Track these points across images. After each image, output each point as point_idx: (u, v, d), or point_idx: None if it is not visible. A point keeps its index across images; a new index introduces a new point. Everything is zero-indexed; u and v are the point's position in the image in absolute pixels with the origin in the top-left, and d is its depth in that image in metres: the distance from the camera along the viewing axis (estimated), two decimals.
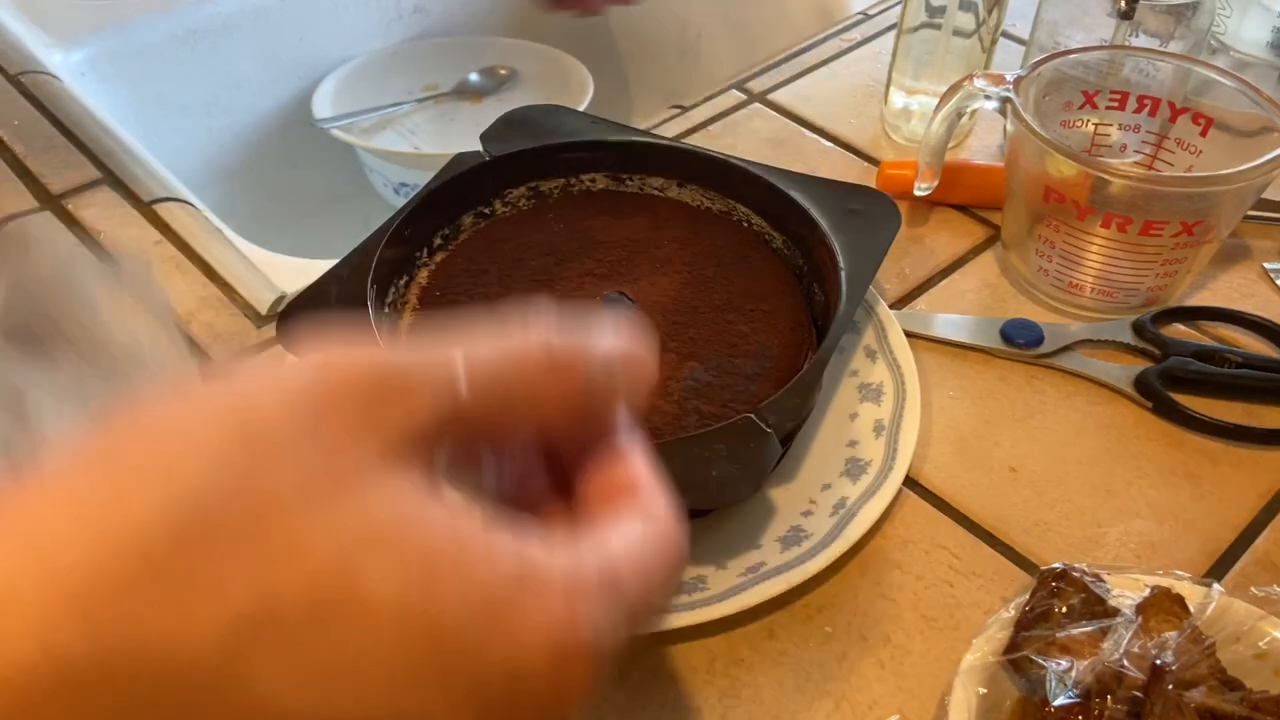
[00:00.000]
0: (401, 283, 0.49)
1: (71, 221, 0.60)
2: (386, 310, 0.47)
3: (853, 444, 0.47)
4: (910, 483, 0.47)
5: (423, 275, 0.50)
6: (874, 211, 0.50)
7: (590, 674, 0.20)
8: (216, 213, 0.63)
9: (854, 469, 0.46)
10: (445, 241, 0.51)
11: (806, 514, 0.45)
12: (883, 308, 0.52)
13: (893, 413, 0.48)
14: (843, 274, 0.47)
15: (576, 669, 0.20)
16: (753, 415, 0.40)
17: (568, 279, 0.49)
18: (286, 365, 0.21)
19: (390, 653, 0.18)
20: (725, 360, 0.46)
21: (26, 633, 0.16)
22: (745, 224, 0.53)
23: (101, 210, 0.61)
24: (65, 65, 0.79)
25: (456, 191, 0.51)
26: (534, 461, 0.25)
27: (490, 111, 0.98)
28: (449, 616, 0.18)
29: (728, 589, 0.41)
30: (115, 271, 0.49)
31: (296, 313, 0.45)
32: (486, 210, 0.53)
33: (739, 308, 0.48)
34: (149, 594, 0.17)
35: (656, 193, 0.54)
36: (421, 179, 0.51)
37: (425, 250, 0.50)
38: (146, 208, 0.61)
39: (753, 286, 0.49)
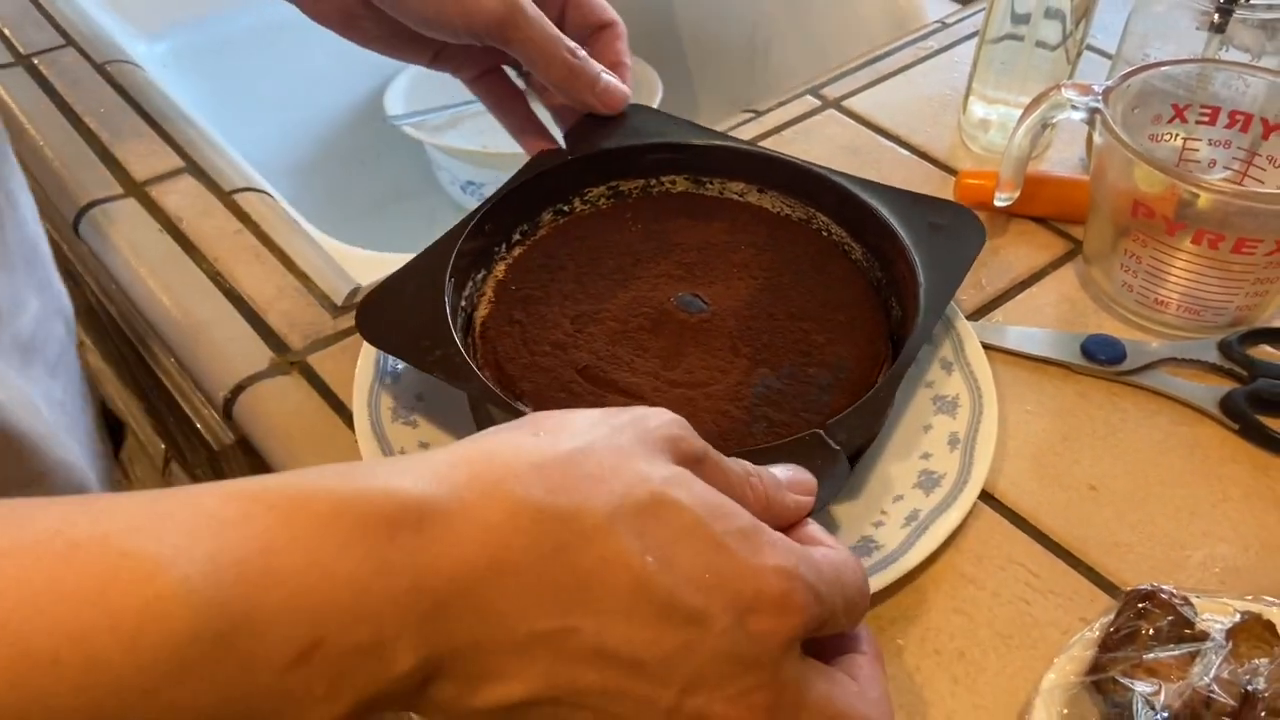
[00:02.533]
0: (479, 276, 0.49)
1: (154, 209, 0.61)
2: (463, 304, 0.48)
3: (926, 456, 0.46)
4: (986, 497, 0.47)
5: (500, 269, 0.50)
6: (957, 227, 0.49)
7: (807, 609, 0.29)
8: (289, 204, 0.64)
9: (927, 481, 0.45)
10: (523, 237, 0.51)
11: (878, 524, 0.44)
12: (961, 319, 0.51)
13: (968, 426, 0.47)
14: (921, 289, 0.46)
15: (798, 599, 0.29)
16: (821, 431, 0.40)
17: (643, 279, 0.49)
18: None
19: (695, 536, 0.29)
20: (799, 369, 0.45)
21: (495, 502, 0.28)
22: (825, 233, 0.52)
23: (183, 198, 0.62)
24: (150, 56, 0.81)
25: (537, 188, 0.52)
26: None
27: None
28: (730, 529, 0.29)
29: None
30: None
31: (375, 304, 0.45)
32: (565, 208, 0.53)
33: (815, 316, 0.48)
34: (569, 488, 0.28)
35: (736, 197, 0.54)
36: (489, 177, 0.51)
37: (504, 245, 0.51)
38: (227, 197, 0.62)
39: (830, 296, 0.49)
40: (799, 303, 0.48)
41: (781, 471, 0.35)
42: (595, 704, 0.28)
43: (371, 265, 0.59)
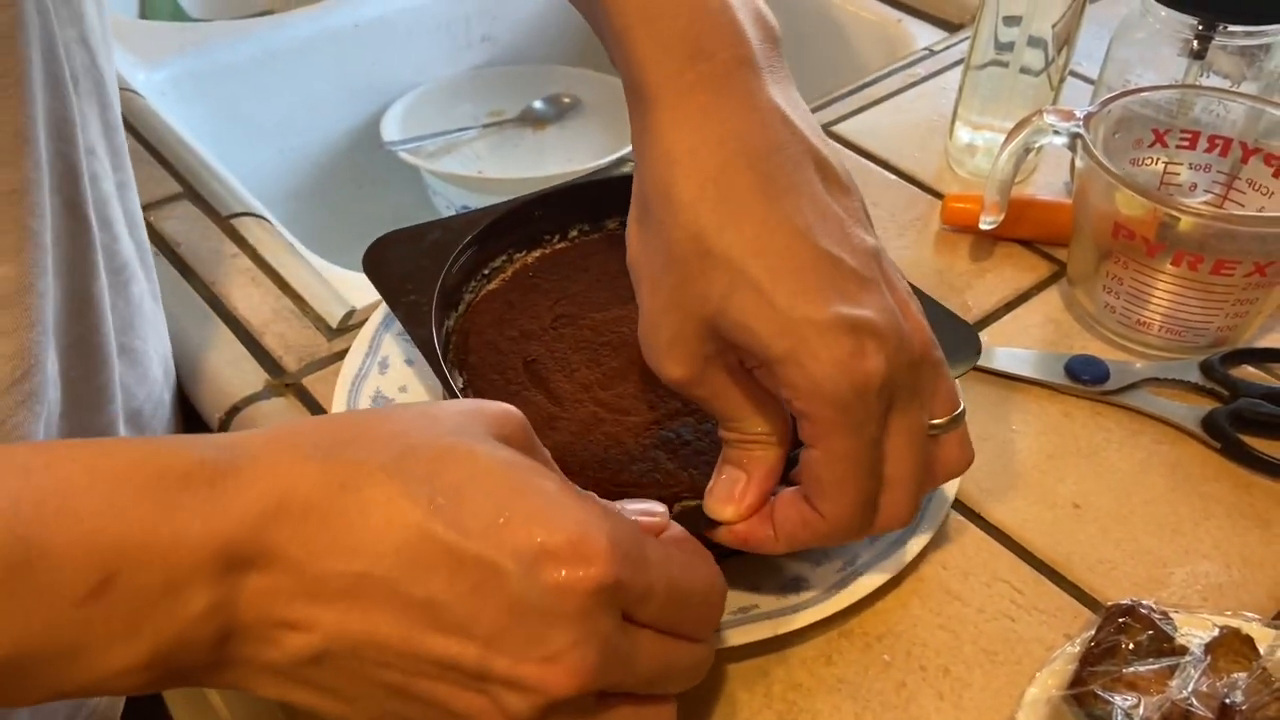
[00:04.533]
0: (507, 254, 0.51)
1: (152, 233, 0.62)
2: (479, 275, 0.49)
3: None
4: (972, 515, 0.47)
5: (533, 256, 0.51)
6: (954, 341, 0.46)
7: (609, 565, 0.28)
8: (286, 229, 0.65)
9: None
10: (580, 235, 0.53)
11: (816, 564, 0.44)
12: None
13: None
14: None
15: (595, 550, 0.28)
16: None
17: None
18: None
19: (489, 481, 0.29)
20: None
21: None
22: None
23: (181, 223, 0.63)
24: (149, 83, 0.82)
25: (605, 193, 0.52)
26: None
27: (554, 138, 1.00)
28: (530, 481, 0.29)
29: (779, 609, 0.41)
30: None
31: (391, 241, 0.47)
32: None
33: None
34: (361, 440, 0.29)
35: None
36: (484, 203, 0.52)
37: (557, 236, 0.52)
38: (224, 221, 0.63)
39: None
40: None
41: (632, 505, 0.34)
42: (400, 663, 0.28)
43: (366, 289, 0.60)
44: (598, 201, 0.53)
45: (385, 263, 0.47)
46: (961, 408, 0.37)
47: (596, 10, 0.37)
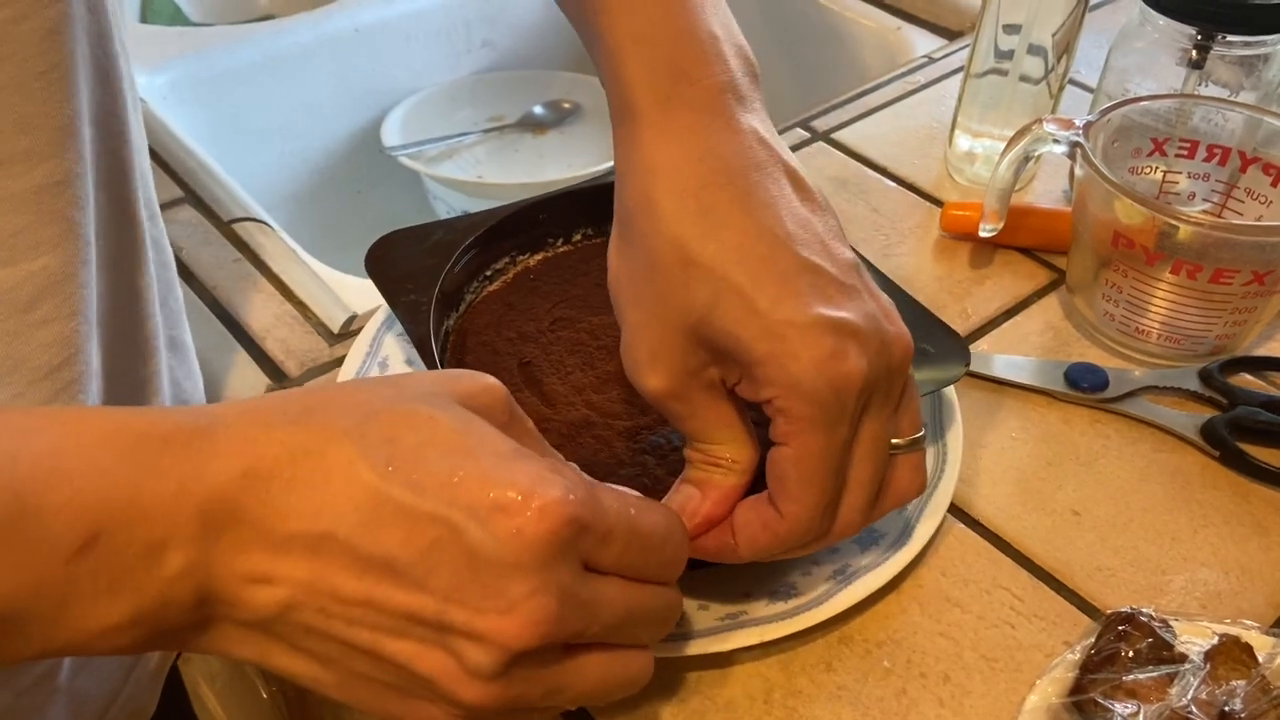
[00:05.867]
0: (509, 256, 0.51)
1: None
2: (481, 277, 0.49)
3: None
4: (971, 522, 0.47)
5: (535, 259, 0.52)
6: (942, 353, 0.47)
7: (563, 513, 0.29)
8: (286, 234, 0.65)
9: (866, 538, 0.45)
10: (584, 239, 0.53)
11: (805, 573, 0.44)
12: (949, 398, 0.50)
13: (936, 457, 0.47)
14: None
15: (549, 499, 0.29)
16: None
17: None
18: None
19: (444, 444, 0.29)
20: None
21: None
22: None
23: (183, 228, 0.63)
24: (150, 88, 0.82)
25: (608, 203, 0.52)
26: None
27: (554, 144, 1.00)
28: (485, 443, 0.30)
29: (773, 614, 0.41)
30: None
31: (394, 243, 0.47)
32: None
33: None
34: (326, 407, 0.30)
35: None
36: (484, 208, 0.53)
37: (560, 239, 0.52)
38: (226, 227, 0.63)
39: None
40: None
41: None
42: (364, 618, 0.29)
43: (367, 294, 0.60)
44: (602, 206, 0.52)
45: (387, 261, 0.47)
46: (923, 432, 0.37)
47: (589, 29, 0.38)
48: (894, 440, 0.36)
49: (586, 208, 0.52)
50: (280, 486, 0.28)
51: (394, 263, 0.47)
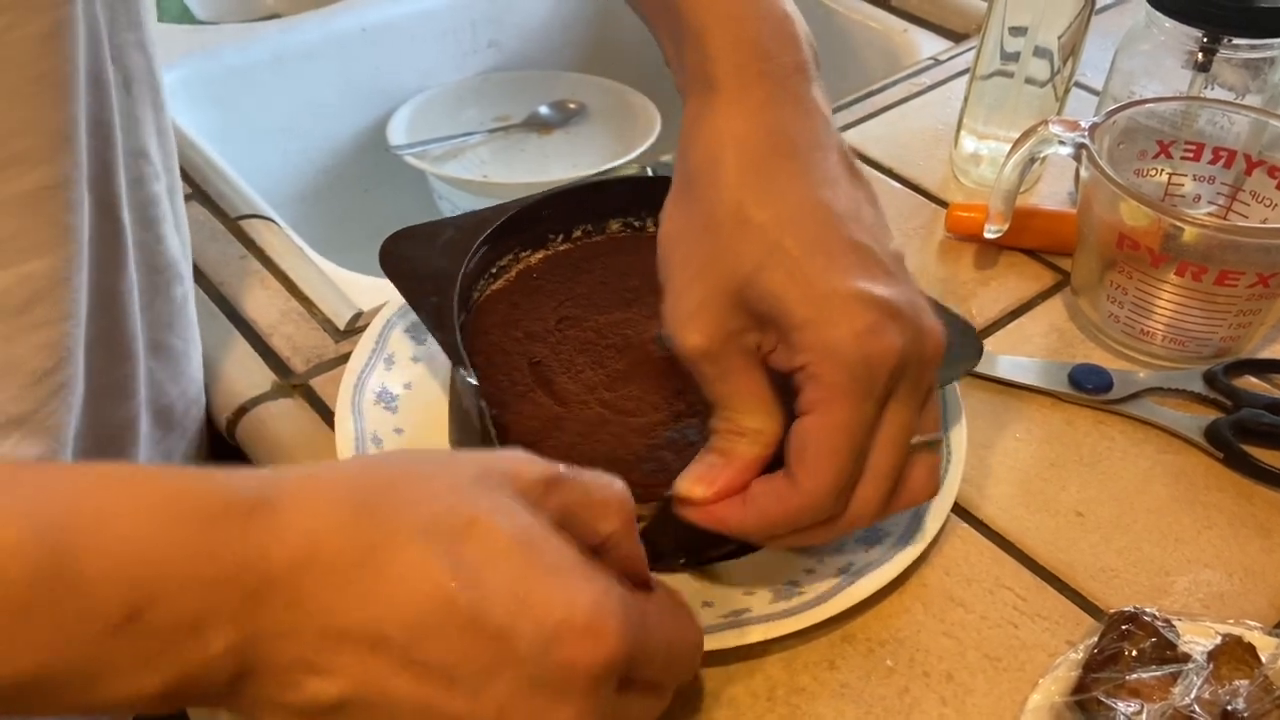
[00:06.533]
0: (514, 254, 0.51)
1: None
2: (487, 275, 0.50)
3: None
4: (975, 522, 0.47)
5: (537, 257, 0.52)
6: (956, 342, 0.44)
7: (618, 643, 0.29)
8: (292, 231, 0.66)
9: (870, 536, 0.45)
10: (584, 236, 0.53)
11: (809, 571, 0.44)
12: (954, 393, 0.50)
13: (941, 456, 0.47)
14: None
15: (607, 629, 0.29)
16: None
17: (648, 304, 0.50)
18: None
19: (507, 560, 0.29)
20: None
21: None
22: None
23: (190, 224, 0.63)
24: None
25: (612, 196, 0.53)
26: None
27: (559, 144, 1.00)
28: (546, 557, 0.30)
29: (777, 612, 0.41)
30: None
31: (406, 238, 0.48)
32: (636, 223, 0.54)
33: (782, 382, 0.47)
34: (389, 501, 0.30)
35: None
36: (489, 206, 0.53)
37: (560, 237, 0.52)
38: (233, 223, 0.63)
39: None
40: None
41: None
42: (412, 716, 0.29)
43: (373, 291, 0.60)
44: (603, 202, 0.53)
45: (404, 260, 0.47)
46: (940, 435, 0.38)
47: (668, 13, 0.40)
48: (916, 437, 0.37)
49: (588, 204, 0.53)
50: (343, 576, 0.28)
51: (411, 262, 0.47)
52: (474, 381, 0.44)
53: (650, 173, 0.55)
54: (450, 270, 0.46)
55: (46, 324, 0.37)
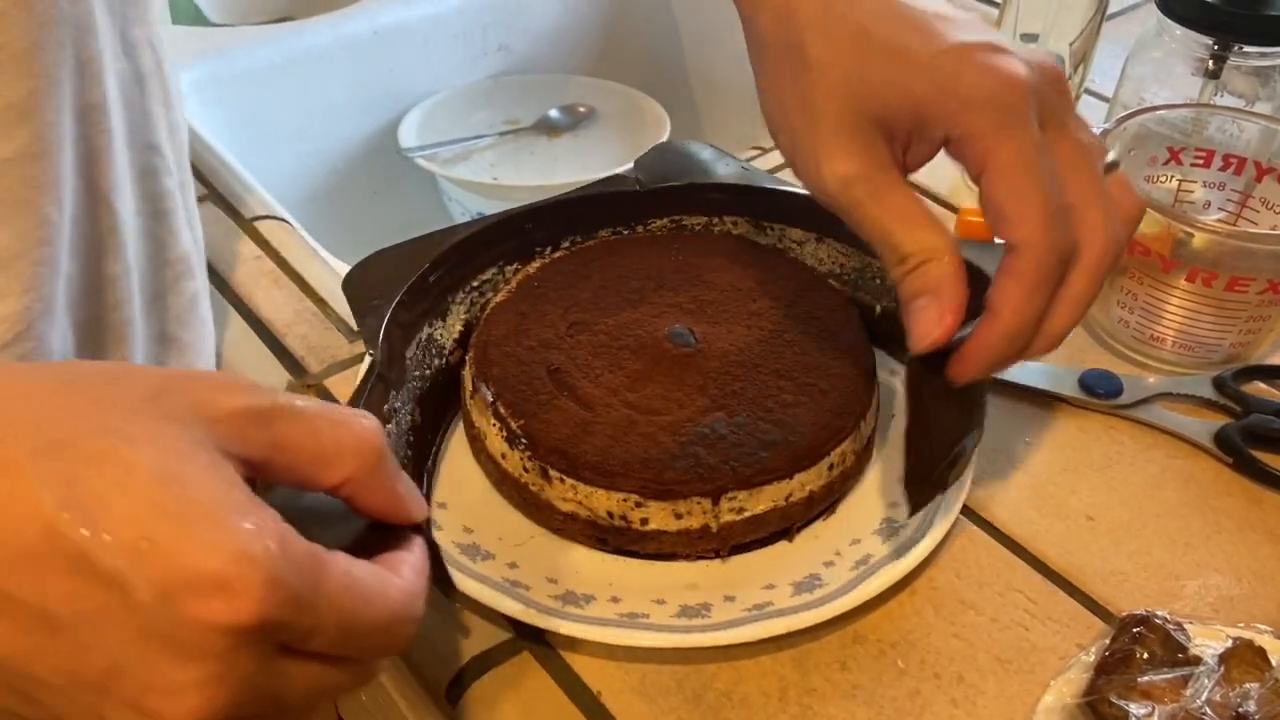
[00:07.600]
0: (510, 268, 0.52)
1: None
2: (478, 284, 0.51)
3: (894, 505, 0.47)
4: (986, 525, 0.48)
5: (534, 266, 0.52)
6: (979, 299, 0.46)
7: (263, 603, 0.25)
8: (306, 232, 0.66)
9: (887, 529, 0.46)
10: (572, 245, 0.54)
11: (829, 564, 0.44)
12: None
13: None
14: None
15: (248, 586, 0.25)
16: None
17: (653, 305, 0.50)
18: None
19: (139, 498, 0.25)
20: (753, 421, 0.45)
21: None
22: (851, 297, 0.53)
23: (205, 225, 0.63)
24: None
25: (599, 206, 0.54)
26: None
27: (568, 147, 1.01)
28: (188, 501, 0.25)
29: (790, 606, 0.42)
30: None
31: (373, 261, 0.49)
32: (625, 230, 0.55)
33: (796, 378, 0.47)
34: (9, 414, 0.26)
35: (794, 245, 0.55)
36: (499, 209, 0.53)
37: (550, 249, 0.53)
38: (248, 224, 0.64)
39: (822, 362, 0.48)
40: (788, 361, 0.47)
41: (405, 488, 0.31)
42: (13, 665, 0.26)
43: None
44: (587, 216, 0.54)
45: (362, 279, 0.49)
46: (1113, 156, 0.38)
47: None
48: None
49: (578, 219, 0.54)
50: None
51: (366, 279, 0.49)
52: (487, 397, 0.46)
53: (639, 186, 0.55)
54: (397, 280, 0.48)
55: (4, 296, 0.37)
